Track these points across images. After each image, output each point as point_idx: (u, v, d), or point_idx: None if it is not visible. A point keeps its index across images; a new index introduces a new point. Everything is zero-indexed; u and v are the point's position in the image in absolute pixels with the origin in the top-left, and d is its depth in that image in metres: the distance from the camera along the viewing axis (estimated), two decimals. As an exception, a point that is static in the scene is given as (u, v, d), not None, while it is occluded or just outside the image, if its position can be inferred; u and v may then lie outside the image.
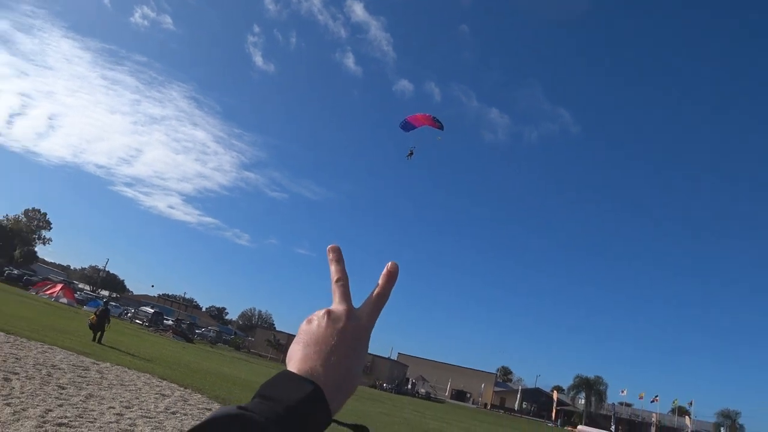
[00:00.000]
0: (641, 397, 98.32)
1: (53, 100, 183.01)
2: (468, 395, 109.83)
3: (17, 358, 11.73)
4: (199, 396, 13.85)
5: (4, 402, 7.71)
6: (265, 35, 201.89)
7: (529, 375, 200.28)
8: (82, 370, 12.80)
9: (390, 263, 0.92)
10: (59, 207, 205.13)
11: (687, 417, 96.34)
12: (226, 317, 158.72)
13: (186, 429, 9.09)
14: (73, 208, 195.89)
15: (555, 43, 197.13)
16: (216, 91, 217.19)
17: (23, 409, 7.60)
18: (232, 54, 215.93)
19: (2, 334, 14.99)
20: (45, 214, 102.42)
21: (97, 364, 14.58)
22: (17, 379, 9.63)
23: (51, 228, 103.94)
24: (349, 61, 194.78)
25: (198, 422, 0.62)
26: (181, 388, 14.34)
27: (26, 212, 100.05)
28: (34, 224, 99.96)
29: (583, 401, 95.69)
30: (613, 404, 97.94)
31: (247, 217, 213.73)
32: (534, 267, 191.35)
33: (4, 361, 10.99)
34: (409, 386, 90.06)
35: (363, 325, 0.85)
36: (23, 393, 8.61)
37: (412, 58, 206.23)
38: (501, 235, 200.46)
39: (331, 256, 0.93)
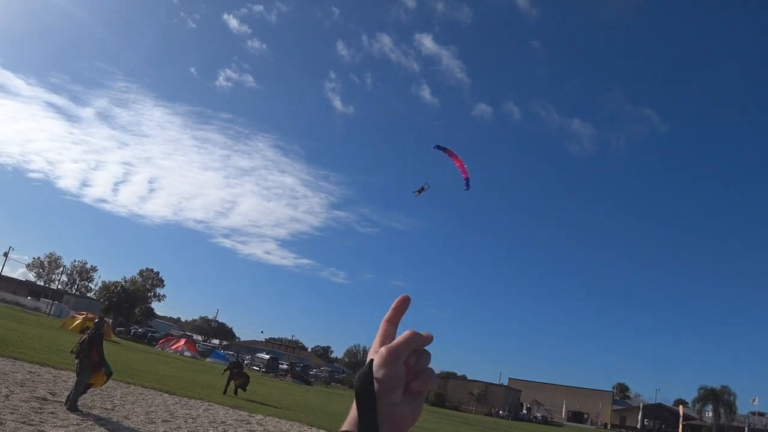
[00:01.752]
0: None
1: (151, 165, 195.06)
2: (585, 416, 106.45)
3: (193, 418, 13.09)
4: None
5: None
6: (341, 80, 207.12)
7: (647, 390, 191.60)
8: (246, 423, 14.07)
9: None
10: (166, 263, 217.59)
11: None
12: (332, 356, 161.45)
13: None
14: (178, 263, 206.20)
15: (628, 42, 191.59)
16: (299, 137, 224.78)
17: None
18: (311, 101, 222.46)
19: (167, 395, 16.53)
20: (158, 273, 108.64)
21: (252, 416, 15.88)
22: (206, 437, 10.89)
23: (164, 285, 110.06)
24: (425, 93, 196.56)
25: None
26: (331, 434, 15.40)
27: (141, 272, 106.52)
28: (149, 283, 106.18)
29: (710, 414, 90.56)
30: (746, 415, 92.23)
31: (341, 254, 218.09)
32: (640, 272, 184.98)
33: (185, 421, 12.35)
34: (524, 411, 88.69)
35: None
36: (218, 449, 9.80)
37: (487, 81, 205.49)
38: (603, 242, 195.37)
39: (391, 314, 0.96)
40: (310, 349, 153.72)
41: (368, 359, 0.86)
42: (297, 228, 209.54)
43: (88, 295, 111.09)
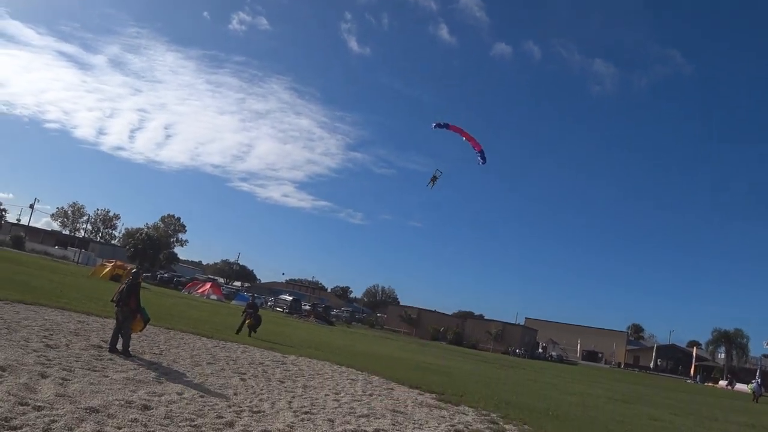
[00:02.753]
0: None
1: (166, 111, 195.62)
2: (600, 355, 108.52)
3: (234, 360, 14.18)
4: (378, 378, 15.87)
5: (258, 399, 9.84)
6: (357, 20, 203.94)
7: (661, 331, 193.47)
8: (282, 364, 15.15)
9: None
10: (185, 209, 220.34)
11: None
12: (351, 296, 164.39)
13: (387, 408, 11.04)
14: (197, 208, 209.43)
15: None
16: (314, 79, 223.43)
17: (273, 403, 9.71)
18: (326, 42, 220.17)
19: (206, 339, 17.69)
20: (179, 219, 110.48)
21: (286, 357, 16.99)
22: (248, 378, 11.90)
23: (186, 231, 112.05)
24: (443, 32, 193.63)
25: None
26: (360, 372, 16.41)
27: (163, 219, 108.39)
28: (171, 229, 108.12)
29: (723, 356, 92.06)
30: (758, 357, 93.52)
31: (359, 196, 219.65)
32: (660, 213, 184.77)
33: (227, 363, 13.42)
34: (541, 350, 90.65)
35: None
36: (262, 390, 10.78)
37: (507, 20, 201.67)
38: (621, 183, 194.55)
39: None
40: (329, 290, 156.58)
41: None
42: (314, 170, 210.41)
43: (113, 242, 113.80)
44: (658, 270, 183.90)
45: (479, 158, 23.11)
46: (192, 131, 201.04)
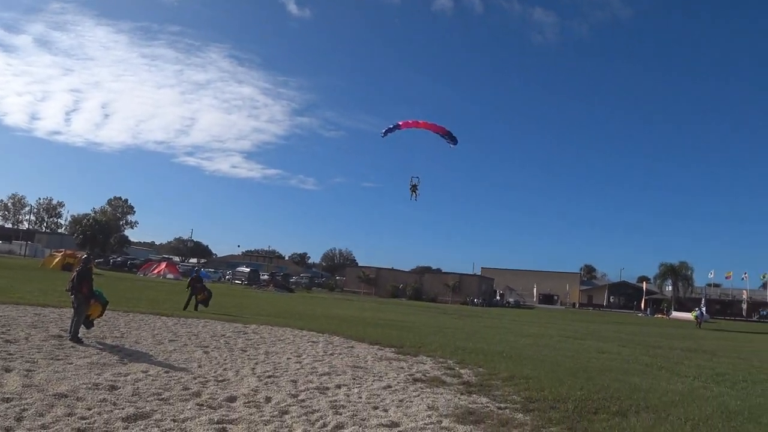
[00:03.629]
0: (728, 277, 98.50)
1: (102, 89, 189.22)
2: (555, 298, 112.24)
3: (195, 335, 14.46)
4: (338, 338, 16.43)
5: (222, 369, 10.21)
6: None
7: (612, 270, 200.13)
8: (243, 334, 15.51)
9: None
10: (132, 189, 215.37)
11: None
12: (309, 261, 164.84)
13: (347, 365, 11.58)
14: (144, 187, 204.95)
15: None
16: (254, 45, 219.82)
17: (237, 371, 10.09)
18: (264, 7, 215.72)
19: (166, 317, 17.87)
20: (126, 200, 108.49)
21: (247, 326, 17.36)
22: (211, 350, 12.25)
23: (134, 212, 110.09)
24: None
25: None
26: (320, 334, 16.93)
27: (110, 202, 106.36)
28: (120, 211, 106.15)
29: (670, 288, 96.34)
30: (703, 287, 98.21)
31: (309, 161, 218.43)
32: (605, 157, 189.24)
33: (189, 338, 13.71)
34: (498, 297, 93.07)
35: None
36: (225, 360, 11.15)
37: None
38: (567, 130, 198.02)
39: None
40: (287, 258, 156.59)
41: None
42: (261, 138, 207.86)
43: (60, 231, 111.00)
44: (606, 211, 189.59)
45: (448, 142, 22.90)
46: (131, 108, 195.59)
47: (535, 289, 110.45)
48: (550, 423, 7.83)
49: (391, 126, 23.12)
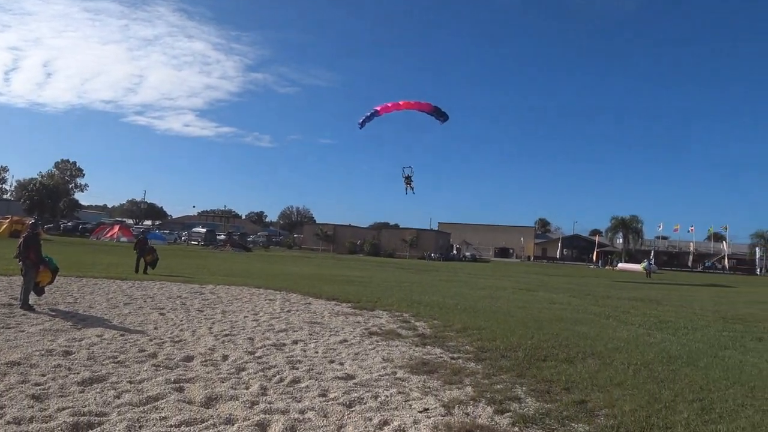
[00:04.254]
0: (676, 230, 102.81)
1: (43, 46, 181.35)
2: (511, 251, 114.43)
3: (151, 297, 14.39)
4: (296, 295, 16.57)
5: (179, 329, 10.23)
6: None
7: (566, 223, 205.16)
8: (200, 294, 15.49)
9: None
10: (81, 151, 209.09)
11: (723, 242, 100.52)
12: (267, 220, 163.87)
13: (304, 321, 11.74)
14: (93, 149, 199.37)
15: None
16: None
17: (194, 331, 10.14)
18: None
19: (120, 281, 17.67)
20: (75, 163, 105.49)
21: (204, 287, 17.33)
22: (167, 311, 12.23)
23: (84, 174, 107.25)
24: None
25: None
26: (278, 292, 17.05)
27: (57, 165, 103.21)
28: (68, 174, 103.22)
29: (621, 241, 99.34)
30: (652, 239, 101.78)
31: (264, 118, 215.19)
32: (556, 109, 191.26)
33: (144, 301, 13.64)
34: (455, 252, 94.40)
35: None
36: (182, 321, 11.16)
37: None
38: (517, 84, 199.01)
39: None
40: (244, 217, 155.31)
41: None
42: (214, 96, 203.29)
43: (5, 197, 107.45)
44: (560, 165, 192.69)
45: (437, 119, 22.15)
46: (75, 66, 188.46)
47: (491, 243, 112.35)
48: (501, 371, 8.14)
49: (369, 114, 22.44)
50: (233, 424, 5.40)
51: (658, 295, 27.24)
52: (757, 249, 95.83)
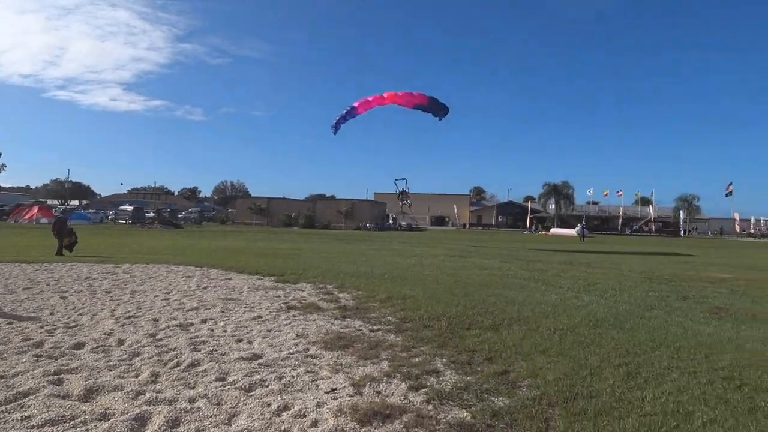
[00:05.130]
0: (606, 195, 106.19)
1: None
2: (447, 219, 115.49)
3: (56, 280, 13.34)
4: (217, 271, 15.81)
5: (78, 314, 9.39)
6: None
7: (501, 190, 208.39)
8: (112, 275, 14.52)
9: None
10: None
11: (650, 206, 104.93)
12: (201, 196, 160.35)
13: (219, 297, 11.08)
14: (12, 126, 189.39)
15: None
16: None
17: (94, 315, 9.31)
18: None
19: (26, 264, 16.47)
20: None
21: (119, 266, 16.33)
22: (70, 294, 11.30)
23: (1, 154, 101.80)
24: None
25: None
26: (198, 268, 16.27)
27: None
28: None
29: (553, 206, 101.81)
30: (583, 205, 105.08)
31: (196, 91, 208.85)
32: (482, 78, 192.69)
33: (47, 284, 12.62)
34: (391, 222, 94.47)
35: None
36: (84, 304, 10.28)
37: None
38: (444, 54, 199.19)
39: None
40: (177, 193, 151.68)
41: None
42: (141, 68, 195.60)
43: None
44: (494, 133, 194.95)
45: (434, 115, 20.90)
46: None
47: (428, 212, 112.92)
48: (422, 342, 7.71)
49: (344, 113, 20.87)
50: (107, 420, 4.73)
51: (588, 258, 27.65)
52: (681, 212, 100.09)
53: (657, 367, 6.68)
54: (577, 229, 59.23)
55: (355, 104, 20.56)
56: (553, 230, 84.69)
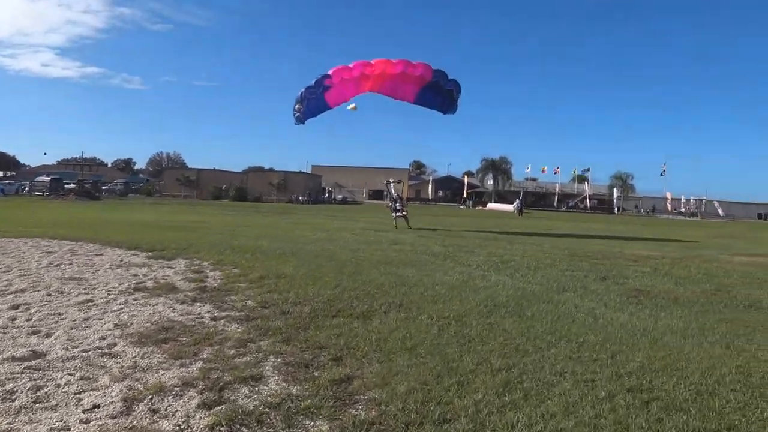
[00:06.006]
0: (544, 171, 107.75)
1: None
2: (384, 193, 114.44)
3: None
4: (92, 245, 14.11)
5: None
6: None
7: (440, 165, 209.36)
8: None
9: None
10: None
11: (586, 183, 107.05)
12: (136, 167, 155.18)
13: (61, 277, 9.49)
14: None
15: None
16: None
17: None
18: None
19: None
20: None
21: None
22: None
23: None
24: None
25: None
26: (73, 242, 14.53)
27: None
28: None
29: (491, 182, 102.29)
30: (521, 181, 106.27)
31: (133, 58, 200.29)
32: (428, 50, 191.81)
33: None
34: (326, 195, 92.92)
35: None
36: None
37: None
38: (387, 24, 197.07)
39: None
40: (110, 165, 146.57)
41: None
42: (76, 32, 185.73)
43: None
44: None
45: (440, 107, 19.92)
46: None
47: (365, 186, 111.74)
48: (265, 335, 6.32)
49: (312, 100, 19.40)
50: None
51: (514, 231, 26.88)
52: (615, 189, 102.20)
53: (547, 373, 5.32)
54: (514, 204, 59.42)
55: (328, 102, 19.73)
56: (490, 205, 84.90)
